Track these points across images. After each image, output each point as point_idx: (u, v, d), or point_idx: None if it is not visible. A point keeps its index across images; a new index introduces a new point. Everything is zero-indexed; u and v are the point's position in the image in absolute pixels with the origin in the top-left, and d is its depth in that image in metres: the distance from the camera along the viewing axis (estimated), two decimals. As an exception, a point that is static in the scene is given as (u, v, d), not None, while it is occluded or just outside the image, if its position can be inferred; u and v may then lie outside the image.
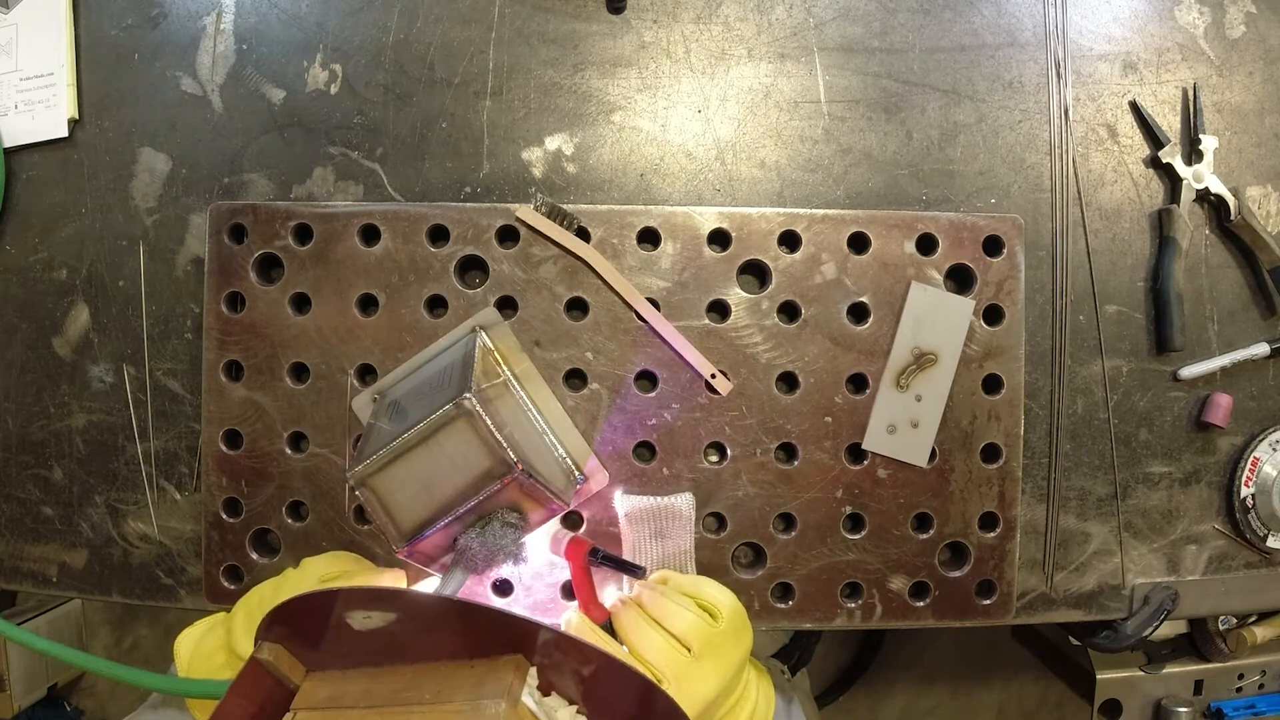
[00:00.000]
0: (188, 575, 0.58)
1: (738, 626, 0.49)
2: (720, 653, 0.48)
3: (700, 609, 0.49)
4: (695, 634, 0.47)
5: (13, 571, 0.59)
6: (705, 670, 0.47)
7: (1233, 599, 0.60)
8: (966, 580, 0.56)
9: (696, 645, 0.47)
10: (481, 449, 0.44)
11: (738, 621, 0.49)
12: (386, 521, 0.45)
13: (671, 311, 0.55)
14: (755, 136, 0.58)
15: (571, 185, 0.58)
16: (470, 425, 0.44)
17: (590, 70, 0.58)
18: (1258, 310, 0.60)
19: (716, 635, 0.48)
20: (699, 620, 0.48)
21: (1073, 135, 0.59)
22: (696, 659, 0.47)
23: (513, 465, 0.44)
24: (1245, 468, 0.59)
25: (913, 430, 0.55)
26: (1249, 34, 0.60)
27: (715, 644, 0.48)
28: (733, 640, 0.49)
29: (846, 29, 0.59)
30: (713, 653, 0.47)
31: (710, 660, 0.47)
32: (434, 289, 0.55)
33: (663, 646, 0.47)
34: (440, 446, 0.45)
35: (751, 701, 0.50)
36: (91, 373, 0.58)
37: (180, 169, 0.58)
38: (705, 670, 0.47)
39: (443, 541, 0.46)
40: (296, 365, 0.55)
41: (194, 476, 0.58)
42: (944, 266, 0.56)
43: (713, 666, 0.47)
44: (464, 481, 0.44)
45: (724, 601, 0.50)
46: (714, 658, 0.47)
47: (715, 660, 0.47)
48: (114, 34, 0.59)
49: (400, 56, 0.58)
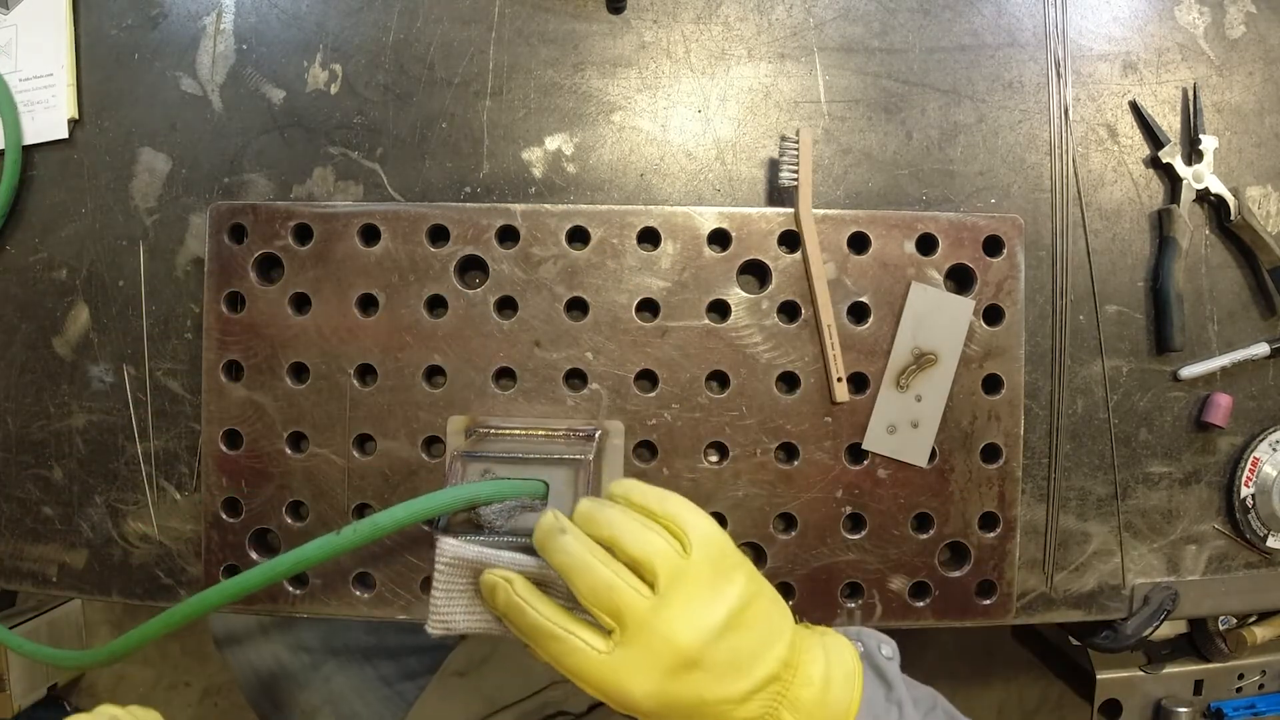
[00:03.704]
0: (188, 575, 0.58)
1: (718, 558, 0.39)
2: (696, 591, 0.38)
3: (668, 534, 0.39)
4: (656, 555, 0.38)
5: (13, 571, 0.59)
6: (674, 613, 0.37)
7: (1233, 599, 0.60)
8: (966, 580, 0.56)
9: (661, 573, 0.37)
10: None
11: (715, 551, 0.39)
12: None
13: (671, 311, 0.55)
14: (755, 136, 0.58)
15: (571, 185, 0.58)
16: None
17: (590, 70, 0.58)
18: (1258, 310, 0.60)
19: (690, 564, 0.38)
20: (667, 546, 0.38)
21: (1073, 135, 0.59)
22: (661, 598, 0.37)
23: None
24: (1245, 468, 0.59)
25: (913, 430, 0.55)
26: (1249, 34, 0.60)
27: (690, 575, 0.38)
28: (712, 575, 0.38)
29: (846, 29, 0.59)
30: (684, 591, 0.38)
31: (681, 601, 0.37)
32: (434, 289, 0.55)
33: (612, 582, 0.37)
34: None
35: (816, 686, 0.39)
36: (91, 373, 0.58)
37: (180, 169, 0.58)
38: (674, 613, 0.37)
39: None
40: (296, 365, 0.55)
41: (194, 476, 0.58)
42: (944, 266, 0.56)
43: (685, 608, 0.37)
44: None
45: (697, 525, 0.39)
46: (686, 598, 0.37)
47: (688, 601, 0.37)
48: (114, 34, 0.59)
49: (400, 56, 0.58)
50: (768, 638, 0.39)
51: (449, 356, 0.55)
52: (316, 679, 0.74)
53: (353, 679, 0.74)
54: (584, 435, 0.52)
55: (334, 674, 0.74)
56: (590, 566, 0.38)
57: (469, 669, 0.73)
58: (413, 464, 0.55)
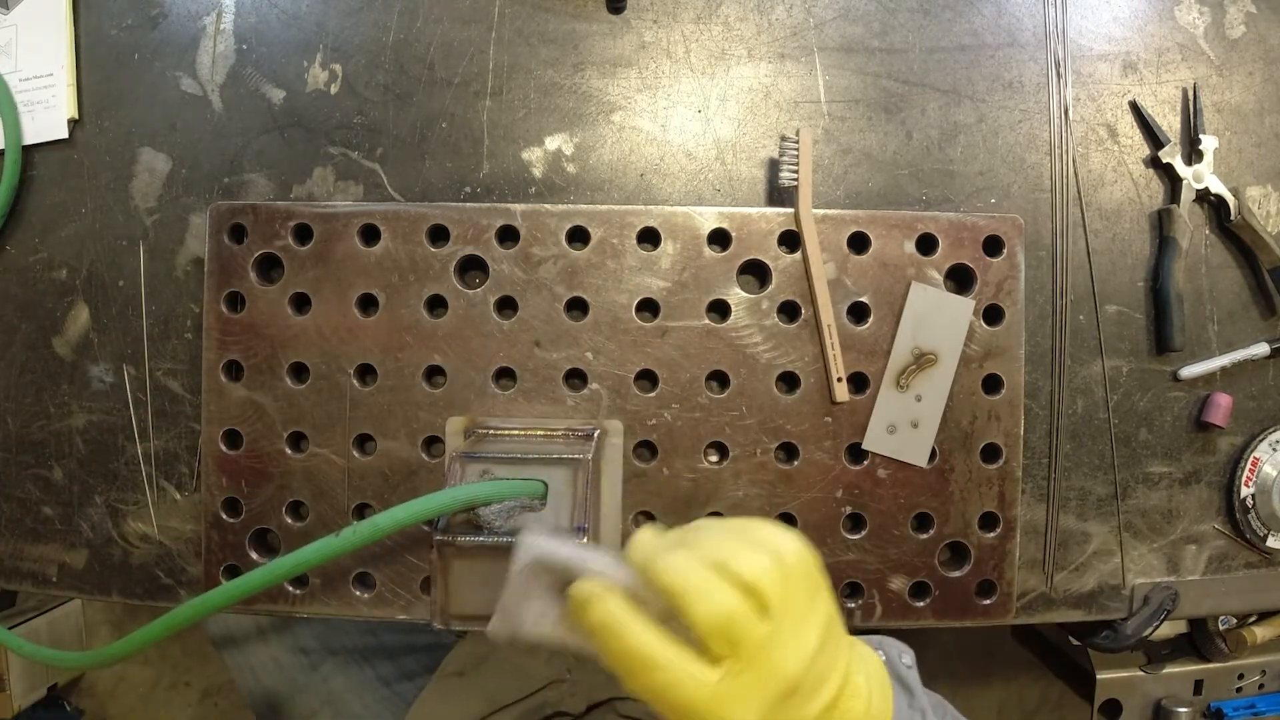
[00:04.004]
0: (188, 575, 0.58)
1: (810, 576, 0.36)
2: (799, 615, 0.35)
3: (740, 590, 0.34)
4: (766, 579, 0.34)
5: (13, 571, 0.59)
6: (784, 639, 0.34)
7: (1233, 599, 0.60)
8: (966, 580, 0.56)
9: (772, 598, 0.34)
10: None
11: (808, 570, 0.36)
12: (439, 591, 0.47)
13: (671, 311, 0.55)
14: (755, 136, 0.58)
15: (571, 185, 0.58)
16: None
17: (590, 70, 0.58)
18: (1258, 310, 0.60)
19: (792, 585, 0.35)
20: (776, 569, 0.35)
21: (1073, 135, 0.59)
22: (775, 624, 0.34)
23: None
24: (1245, 468, 0.59)
25: (913, 430, 0.55)
26: (1249, 34, 0.60)
27: (792, 597, 0.35)
28: (808, 595, 0.36)
29: (846, 29, 0.59)
30: (791, 615, 0.35)
31: (789, 626, 0.34)
32: (434, 289, 0.55)
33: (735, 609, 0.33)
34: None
35: (863, 699, 0.38)
36: (91, 373, 0.58)
37: (180, 169, 0.58)
38: (784, 639, 0.34)
39: None
40: (296, 365, 0.55)
41: (194, 476, 0.58)
42: (944, 266, 0.56)
43: (792, 634, 0.34)
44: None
45: (791, 544, 0.36)
46: (793, 623, 0.35)
47: (795, 626, 0.35)
48: (114, 34, 0.59)
49: (400, 56, 0.58)
50: (838, 653, 0.37)
51: (449, 356, 0.55)
52: (315, 680, 0.74)
53: (351, 680, 0.74)
54: (583, 435, 0.52)
55: (332, 675, 0.74)
56: (711, 591, 0.34)
57: (467, 669, 0.73)
58: (413, 464, 0.55)
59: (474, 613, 0.47)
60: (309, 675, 0.74)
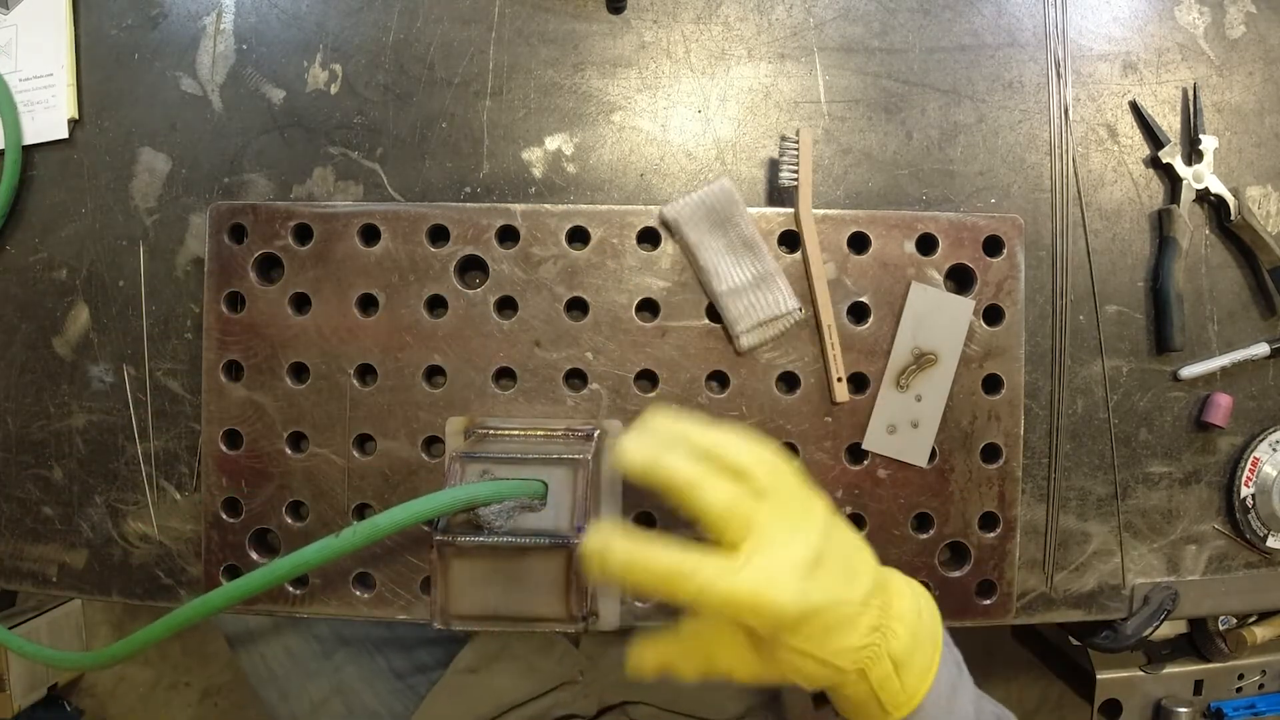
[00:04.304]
0: (188, 575, 0.58)
1: (793, 469, 0.39)
2: (794, 494, 0.38)
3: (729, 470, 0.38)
4: (759, 462, 0.38)
5: (13, 571, 0.59)
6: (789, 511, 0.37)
7: (1233, 599, 0.60)
8: (966, 580, 0.56)
9: (764, 480, 0.38)
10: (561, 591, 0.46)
11: (788, 464, 0.39)
12: (439, 591, 0.47)
13: (671, 311, 0.55)
14: (755, 136, 0.58)
15: (571, 185, 0.58)
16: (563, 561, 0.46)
17: (590, 70, 0.58)
18: (1258, 310, 0.60)
19: (781, 474, 0.38)
20: (765, 451, 0.39)
21: (1073, 135, 0.59)
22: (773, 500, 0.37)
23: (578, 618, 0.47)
24: (1245, 468, 0.59)
25: (913, 430, 0.55)
26: (1249, 34, 0.60)
27: (783, 483, 0.38)
28: (797, 481, 0.39)
29: (846, 29, 0.59)
30: (786, 493, 0.38)
31: (786, 501, 0.38)
32: (434, 289, 0.55)
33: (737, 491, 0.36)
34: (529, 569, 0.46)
35: (909, 600, 0.40)
36: (91, 373, 0.58)
37: (180, 169, 0.58)
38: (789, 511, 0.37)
39: None
40: (296, 365, 0.55)
41: (194, 476, 0.58)
42: (944, 266, 0.56)
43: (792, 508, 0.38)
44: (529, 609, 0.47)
45: (758, 457, 0.39)
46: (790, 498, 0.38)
47: (791, 501, 0.38)
48: (114, 34, 0.59)
49: (400, 56, 0.58)
50: (859, 545, 0.40)
51: (449, 356, 0.55)
52: (327, 668, 0.74)
53: (363, 670, 0.74)
54: (583, 435, 0.52)
55: (344, 664, 0.74)
56: (711, 480, 0.37)
57: (480, 666, 0.72)
58: (413, 464, 0.55)
59: (474, 613, 0.47)
60: (321, 663, 0.74)
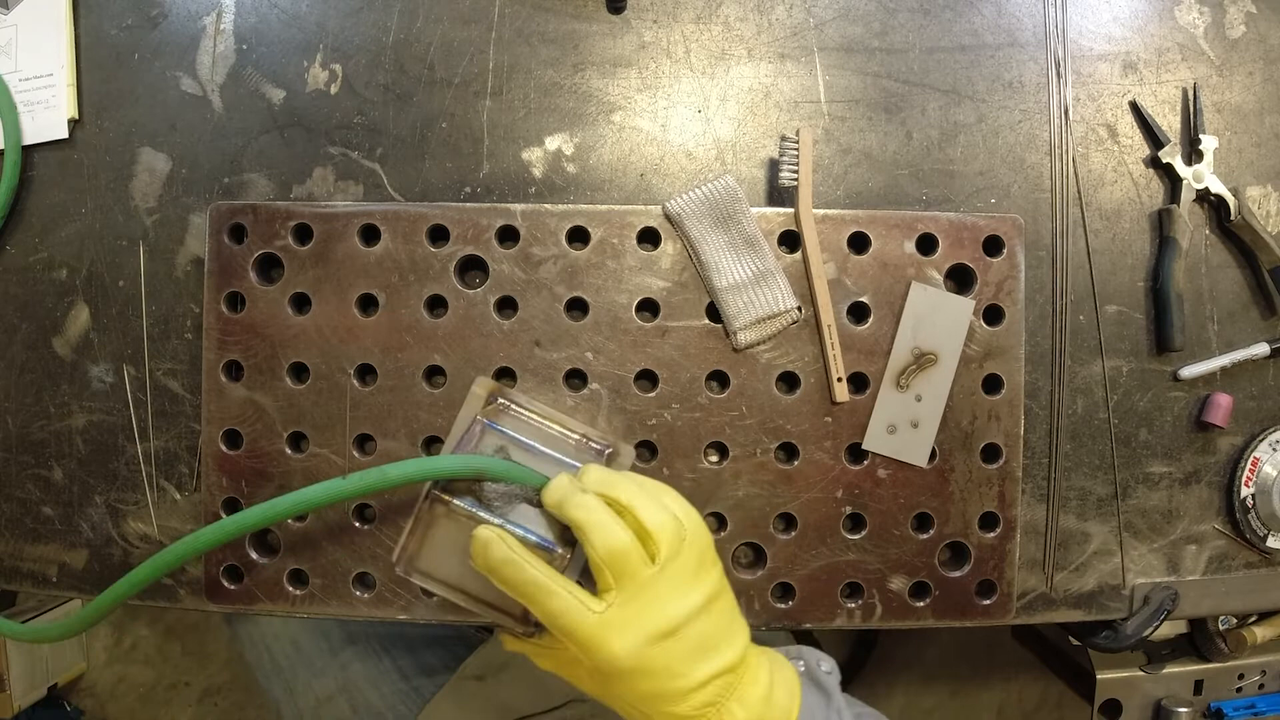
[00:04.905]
0: (188, 575, 0.58)
1: (704, 549, 0.42)
2: (685, 572, 0.41)
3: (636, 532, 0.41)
4: (662, 529, 0.41)
5: (13, 571, 0.59)
6: (668, 585, 0.40)
7: (1233, 599, 0.60)
8: (966, 580, 0.56)
9: (663, 547, 0.40)
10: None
11: (703, 543, 0.42)
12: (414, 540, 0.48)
13: (671, 311, 0.55)
14: (755, 136, 0.58)
15: (571, 185, 0.58)
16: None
17: (590, 70, 0.58)
18: (1258, 310, 0.60)
19: (684, 547, 0.41)
20: (675, 524, 0.41)
21: (1073, 135, 0.59)
22: (661, 569, 0.40)
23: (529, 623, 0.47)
24: (1245, 468, 0.59)
25: (913, 430, 0.55)
26: (1249, 34, 0.60)
27: (682, 557, 0.41)
28: (698, 562, 0.41)
29: (846, 29, 0.59)
30: (677, 568, 0.40)
31: (674, 575, 0.40)
32: (434, 289, 0.55)
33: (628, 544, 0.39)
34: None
35: (763, 685, 0.42)
36: (91, 373, 0.58)
37: (180, 169, 0.58)
38: (668, 585, 0.40)
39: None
40: (296, 365, 0.55)
41: (194, 476, 0.58)
42: (944, 266, 0.56)
43: (675, 583, 0.40)
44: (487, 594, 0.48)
45: (691, 516, 0.42)
46: (678, 574, 0.40)
47: (678, 577, 0.40)
48: (114, 34, 0.59)
49: (400, 56, 0.58)
50: (729, 632, 0.43)
51: (449, 356, 0.55)
52: (334, 666, 0.74)
53: (370, 669, 0.74)
54: (596, 449, 0.51)
55: (351, 662, 0.74)
56: (609, 525, 0.40)
57: (487, 674, 0.72)
58: (413, 464, 0.55)
59: (436, 575, 0.48)
60: (328, 660, 0.74)
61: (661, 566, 0.40)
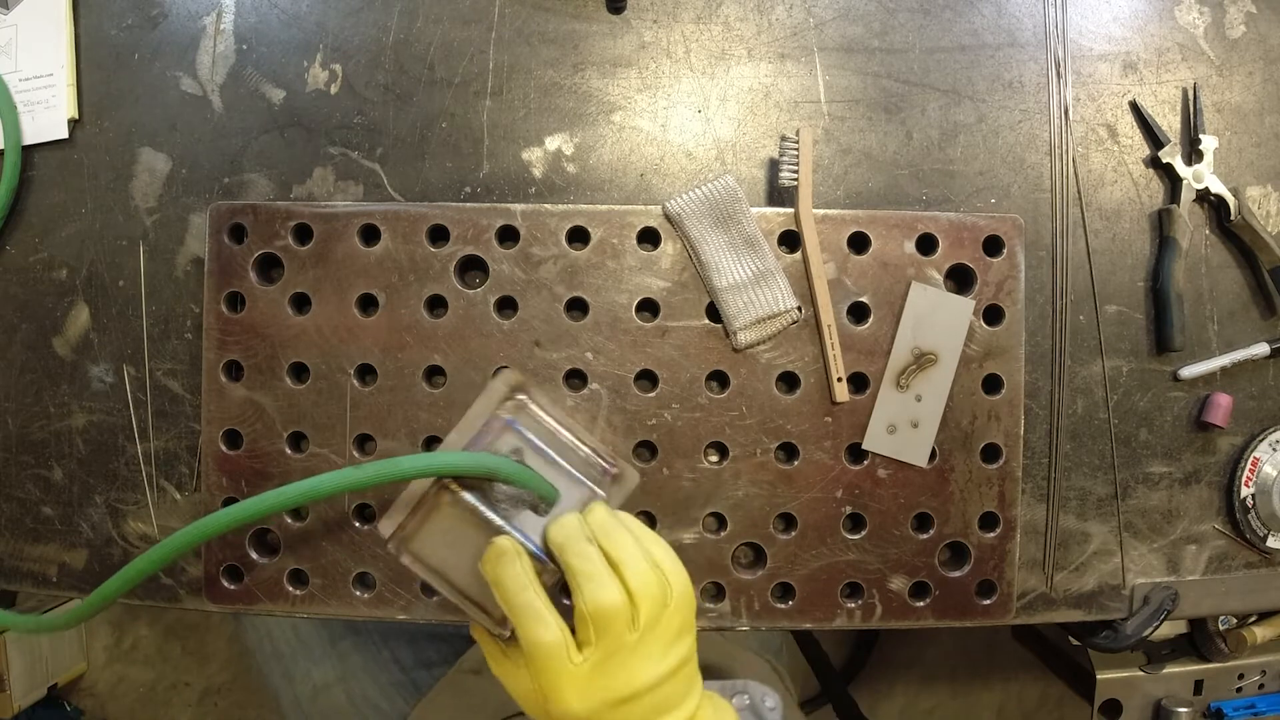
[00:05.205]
0: (188, 575, 0.58)
1: (685, 615, 0.43)
2: (661, 639, 0.41)
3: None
4: (647, 597, 0.40)
5: (13, 571, 0.59)
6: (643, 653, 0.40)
7: (1233, 599, 0.60)
8: (966, 580, 0.56)
9: (644, 614, 0.40)
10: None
11: (686, 609, 0.43)
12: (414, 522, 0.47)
13: (671, 311, 0.55)
14: (755, 136, 0.58)
15: (571, 185, 0.58)
16: None
17: (590, 70, 0.58)
18: (1258, 310, 0.60)
19: (666, 614, 0.41)
20: (660, 592, 0.41)
21: (1073, 135, 0.59)
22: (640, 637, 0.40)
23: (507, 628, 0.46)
24: (1245, 468, 0.59)
25: (913, 430, 0.55)
26: (1249, 34, 0.60)
27: (663, 624, 0.41)
28: (677, 630, 0.42)
29: (846, 29, 0.59)
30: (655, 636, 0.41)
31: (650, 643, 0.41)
32: (434, 289, 0.55)
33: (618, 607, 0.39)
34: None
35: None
36: (91, 373, 0.58)
37: (180, 169, 0.58)
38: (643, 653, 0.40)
39: None
40: (296, 365, 0.55)
41: (194, 476, 0.58)
42: (944, 266, 0.56)
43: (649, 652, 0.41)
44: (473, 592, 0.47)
45: (680, 581, 0.43)
46: (654, 642, 0.41)
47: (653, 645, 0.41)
48: (114, 34, 0.59)
49: (400, 56, 0.58)
50: (687, 693, 0.43)
51: (449, 356, 0.55)
52: (332, 655, 0.74)
53: (368, 659, 0.74)
54: (602, 468, 0.51)
55: (350, 652, 0.74)
56: (605, 584, 0.40)
57: (484, 669, 0.72)
58: (413, 464, 0.55)
59: (428, 561, 0.47)
60: (327, 648, 0.74)
61: (641, 634, 0.40)
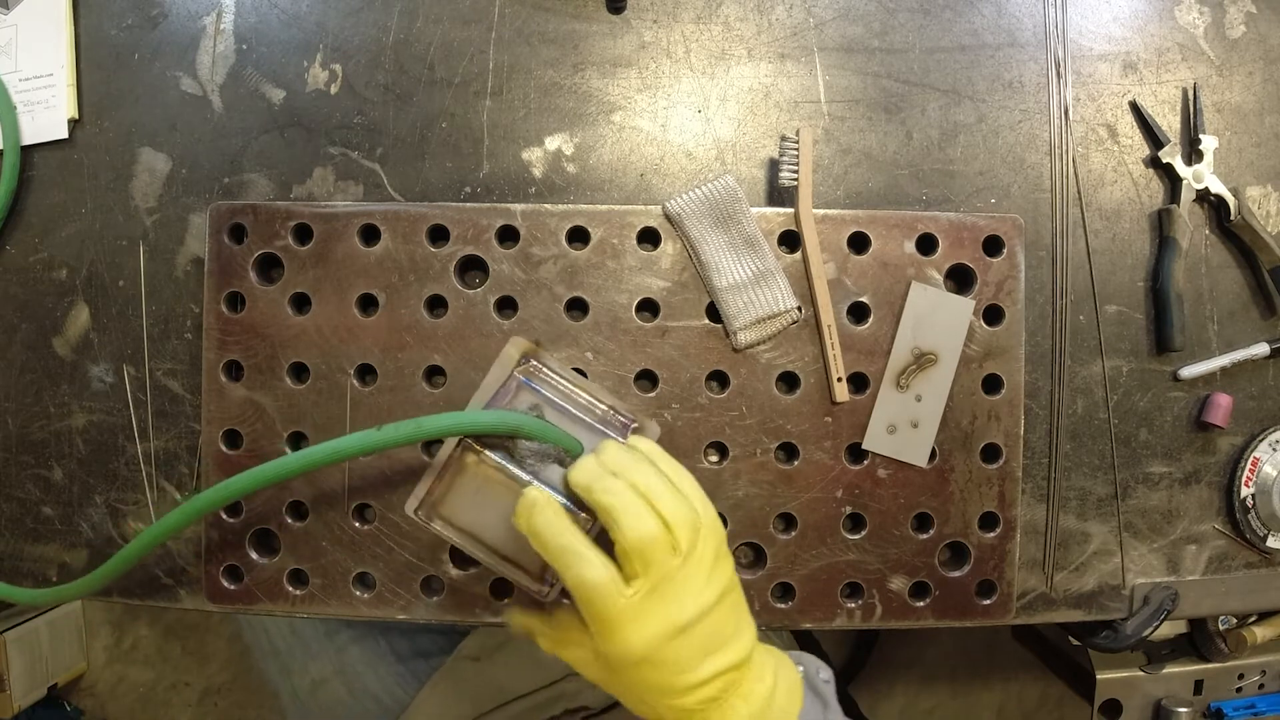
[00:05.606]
0: (188, 575, 0.58)
1: (719, 543, 0.42)
2: (702, 566, 0.40)
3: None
4: (682, 523, 0.40)
5: (13, 571, 0.59)
6: (688, 579, 0.39)
7: (1233, 599, 0.60)
8: (966, 580, 0.56)
9: (683, 540, 0.39)
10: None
11: (719, 537, 0.42)
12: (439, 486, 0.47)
13: (671, 311, 0.55)
14: (755, 136, 0.58)
15: (571, 185, 0.58)
16: None
17: (590, 70, 0.58)
18: (1258, 310, 0.60)
19: (700, 539, 0.41)
20: (695, 517, 0.40)
21: (1073, 135, 0.59)
22: (684, 562, 0.39)
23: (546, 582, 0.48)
24: (1245, 468, 0.59)
25: (913, 430, 0.55)
26: (1249, 34, 0.60)
27: (699, 550, 0.40)
28: (714, 557, 0.41)
29: (846, 29, 0.59)
30: (695, 562, 0.40)
31: (693, 570, 0.40)
32: (434, 289, 0.55)
33: (657, 534, 0.39)
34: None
35: (767, 684, 0.42)
36: (91, 373, 0.58)
37: (180, 169, 0.58)
38: (688, 579, 0.39)
39: None
40: (296, 365, 0.55)
41: (194, 476, 0.58)
42: (944, 266, 0.56)
43: (694, 578, 0.40)
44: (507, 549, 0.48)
45: (709, 510, 0.42)
46: (696, 569, 0.40)
47: (697, 572, 0.40)
48: (114, 34, 0.59)
49: (400, 56, 0.58)
50: (738, 628, 0.42)
51: (449, 356, 0.55)
52: (330, 648, 0.74)
53: (366, 651, 0.74)
54: (621, 423, 0.51)
55: (348, 645, 0.74)
56: (640, 513, 0.39)
57: (483, 655, 0.72)
58: (413, 464, 0.55)
59: (457, 523, 0.47)
60: (324, 642, 0.74)
61: (684, 560, 0.40)
